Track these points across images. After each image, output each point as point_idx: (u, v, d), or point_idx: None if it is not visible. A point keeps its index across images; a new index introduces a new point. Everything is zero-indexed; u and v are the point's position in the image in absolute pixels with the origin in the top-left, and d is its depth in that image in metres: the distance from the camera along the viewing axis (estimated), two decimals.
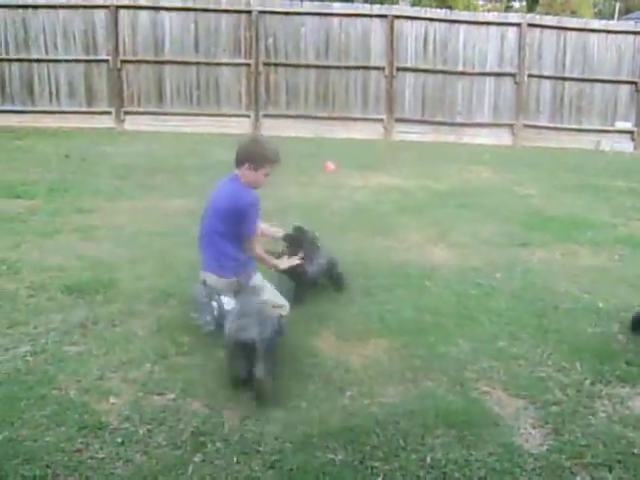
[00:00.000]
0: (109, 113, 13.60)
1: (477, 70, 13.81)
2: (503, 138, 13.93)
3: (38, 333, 3.94)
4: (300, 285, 4.48)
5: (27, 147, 11.19)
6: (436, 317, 4.23)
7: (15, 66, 13.37)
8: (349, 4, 14.89)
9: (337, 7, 13.79)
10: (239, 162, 4.03)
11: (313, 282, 4.56)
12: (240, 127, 13.37)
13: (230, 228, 3.97)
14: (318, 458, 2.71)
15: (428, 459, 2.76)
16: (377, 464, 2.71)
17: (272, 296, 4.07)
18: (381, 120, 13.93)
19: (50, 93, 13.51)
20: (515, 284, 4.98)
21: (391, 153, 11.93)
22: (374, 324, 4.11)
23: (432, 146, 13.06)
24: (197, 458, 2.71)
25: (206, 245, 4.15)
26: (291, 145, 12.09)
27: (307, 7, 13.62)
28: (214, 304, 3.94)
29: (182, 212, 6.72)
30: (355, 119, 13.89)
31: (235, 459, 2.71)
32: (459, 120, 13.98)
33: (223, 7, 13.40)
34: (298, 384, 3.33)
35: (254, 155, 3.99)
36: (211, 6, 13.43)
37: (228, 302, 3.96)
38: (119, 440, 2.81)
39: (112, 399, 3.15)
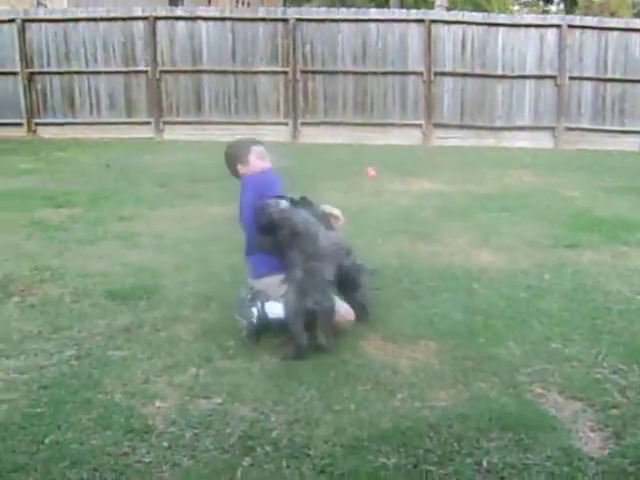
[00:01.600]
0: (148, 123, 13.72)
1: (517, 73, 13.61)
2: (544, 141, 13.69)
3: (82, 338, 3.92)
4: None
5: (68, 158, 11.34)
6: (486, 319, 4.11)
7: (56, 79, 13.59)
8: (386, 10, 14.83)
9: (374, 13, 13.77)
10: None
11: None
12: (278, 135, 13.38)
13: None
14: (370, 462, 2.62)
15: (484, 463, 2.65)
16: (432, 468, 2.61)
17: None
18: (420, 126, 13.81)
19: (90, 105, 13.70)
20: (565, 285, 4.83)
21: (431, 158, 11.81)
22: (423, 327, 4.01)
23: (472, 151, 12.90)
24: (246, 462, 2.63)
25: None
26: (330, 152, 12.10)
27: (344, 14, 13.61)
28: (253, 310, 3.88)
29: (222, 219, 6.70)
30: (393, 125, 13.79)
31: (284, 463, 2.63)
32: (499, 124, 13.80)
33: (260, 16, 13.47)
34: (346, 386, 3.25)
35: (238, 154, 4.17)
36: (248, 15, 13.53)
37: (272, 307, 3.90)
38: (166, 444, 2.76)
39: (158, 403, 3.11)
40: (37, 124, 13.78)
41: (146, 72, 13.51)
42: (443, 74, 13.62)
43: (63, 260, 5.54)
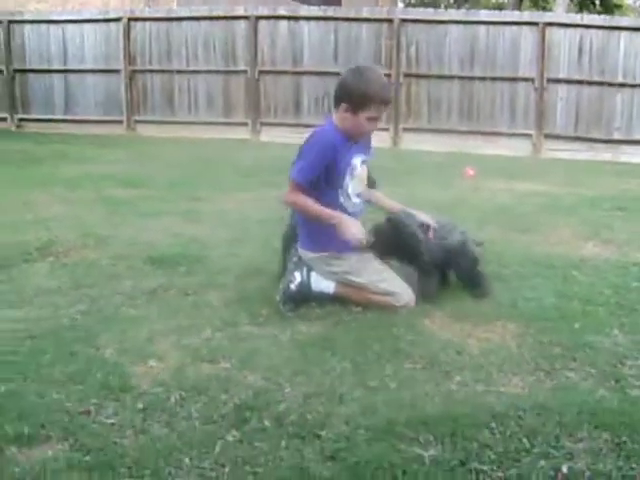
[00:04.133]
0: (245, 124, 13.38)
1: (639, 81, 12.38)
2: None
3: (101, 296, 3.41)
4: (420, 269, 3.41)
5: (159, 152, 11.10)
6: (585, 306, 3.27)
7: (157, 77, 13.50)
8: (497, 11, 13.97)
9: (484, 14, 12.94)
10: (336, 101, 3.29)
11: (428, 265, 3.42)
12: (379, 141, 12.47)
13: None
14: (400, 452, 1.90)
15: (564, 469, 1.87)
16: (485, 468, 1.86)
17: (378, 277, 3.28)
18: (529, 136, 12.77)
19: (189, 104, 13.52)
20: None
21: (539, 165, 10.84)
22: (504, 308, 3.22)
23: (585, 163, 11.78)
24: (231, 436, 1.98)
25: None
26: (431, 158, 11.31)
27: (452, 15, 12.87)
28: (296, 275, 3.25)
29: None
30: (501, 134, 12.81)
31: (284, 443, 1.95)
32: (617, 137, 12.55)
33: (364, 15, 12.90)
34: (391, 363, 2.53)
35: (353, 92, 3.17)
36: (351, 15, 12.99)
37: (318, 280, 3.28)
38: (140, 406, 2.15)
39: (152, 362, 2.51)
40: (137, 122, 13.72)
41: (245, 72, 13.20)
42: (557, 81, 12.53)
43: (116, 230, 5.10)
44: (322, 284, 3.31)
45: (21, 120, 13.94)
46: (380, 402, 2.20)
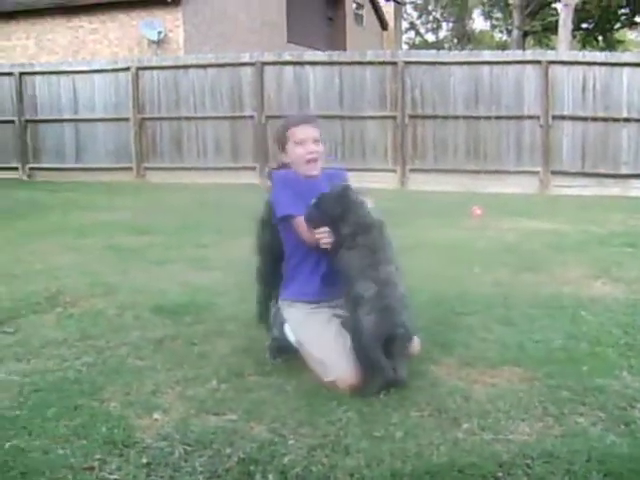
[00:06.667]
0: (253, 169, 13.51)
1: None
2: None
3: (108, 347, 3.41)
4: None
5: (167, 198, 11.22)
6: (593, 347, 3.25)
7: (166, 124, 13.69)
8: (499, 51, 14.12)
9: (487, 55, 13.09)
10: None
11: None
12: (386, 182, 12.76)
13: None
14: None
15: None
16: None
17: (312, 339, 2.97)
18: (537, 173, 12.81)
19: (197, 150, 13.67)
20: None
21: (546, 203, 10.84)
22: (511, 352, 3.20)
23: (594, 199, 11.79)
24: None
25: None
26: (438, 199, 11.35)
27: (455, 56, 13.01)
28: (275, 331, 3.23)
29: None
30: (508, 172, 12.86)
31: None
32: (625, 171, 12.57)
33: (368, 59, 13.08)
34: (397, 411, 2.51)
35: (275, 138, 3.43)
36: (356, 58, 13.17)
37: (289, 333, 3.15)
38: (144, 461, 2.13)
39: (157, 415, 2.49)
40: (146, 168, 13.87)
41: (252, 117, 13.37)
42: (562, 118, 12.62)
43: (123, 278, 5.13)
44: (291, 335, 3.14)
45: (32, 169, 14.10)
46: (385, 452, 2.18)
